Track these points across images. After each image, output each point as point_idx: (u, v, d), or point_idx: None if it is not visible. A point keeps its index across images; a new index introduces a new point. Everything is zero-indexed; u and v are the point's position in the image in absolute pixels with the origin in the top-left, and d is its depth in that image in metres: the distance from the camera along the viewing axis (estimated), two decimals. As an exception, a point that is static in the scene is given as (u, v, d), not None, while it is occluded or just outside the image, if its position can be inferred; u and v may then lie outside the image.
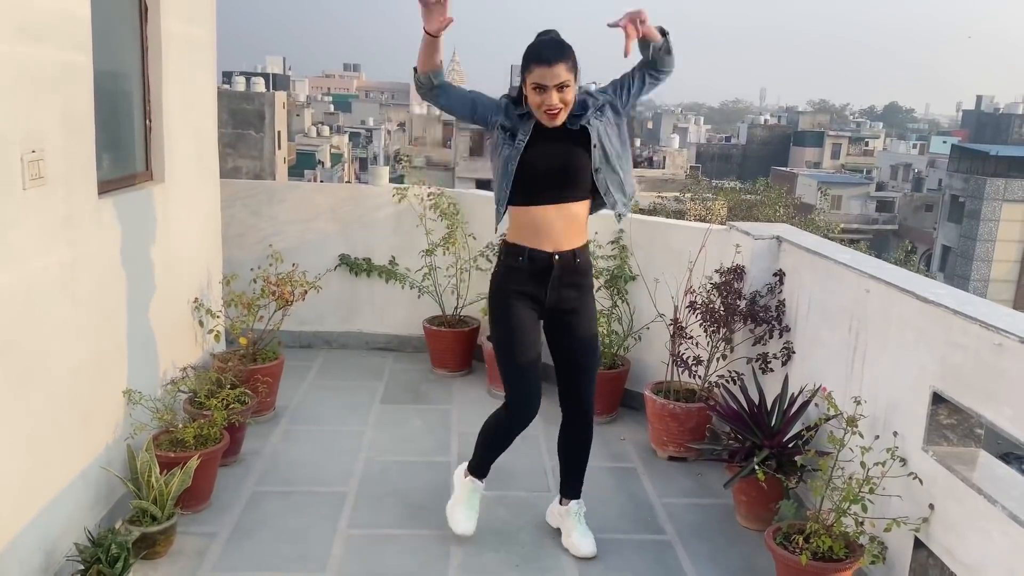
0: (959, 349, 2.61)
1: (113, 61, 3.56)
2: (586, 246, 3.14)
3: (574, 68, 2.85)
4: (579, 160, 2.97)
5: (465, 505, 3.36)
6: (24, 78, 2.63)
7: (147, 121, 3.87)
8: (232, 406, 3.77)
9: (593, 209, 3.14)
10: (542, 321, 3.18)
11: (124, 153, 3.72)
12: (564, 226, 3.02)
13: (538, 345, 3.16)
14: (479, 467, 3.36)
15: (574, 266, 3.08)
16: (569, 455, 3.34)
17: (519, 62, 2.92)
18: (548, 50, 2.84)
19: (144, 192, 3.71)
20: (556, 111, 2.85)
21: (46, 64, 2.77)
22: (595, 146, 2.96)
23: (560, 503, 3.41)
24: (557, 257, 3.03)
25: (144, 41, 3.80)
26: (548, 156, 2.96)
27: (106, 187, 3.33)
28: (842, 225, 34.66)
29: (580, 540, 3.30)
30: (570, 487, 3.37)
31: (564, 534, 3.36)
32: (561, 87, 2.82)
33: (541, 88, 2.82)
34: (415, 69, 3.00)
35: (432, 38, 2.89)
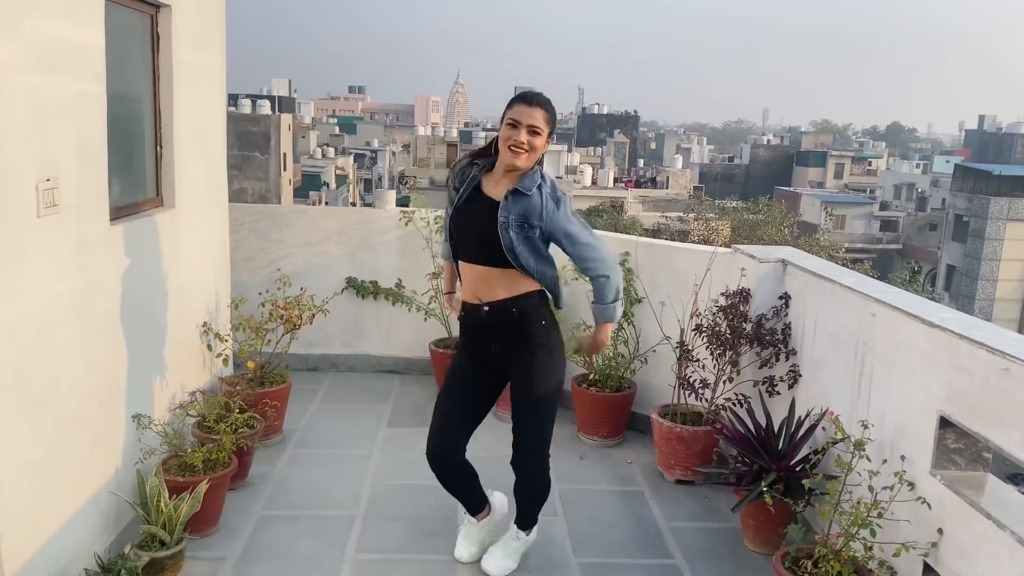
0: (966, 373, 2.62)
1: (126, 89, 3.61)
2: (527, 296, 3.02)
3: (550, 125, 2.95)
4: (490, 234, 2.94)
5: (460, 535, 3.46)
6: (41, 108, 2.68)
7: (158, 148, 3.92)
8: (240, 430, 3.78)
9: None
10: (494, 375, 3.22)
11: (135, 180, 3.76)
12: (488, 283, 3.02)
13: (465, 402, 3.22)
14: (466, 506, 3.43)
15: (509, 317, 3.02)
16: (517, 497, 3.31)
17: (524, 84, 2.98)
18: (533, 94, 2.98)
19: (155, 218, 3.75)
20: (521, 148, 2.90)
21: (62, 94, 2.82)
22: (501, 224, 2.93)
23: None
24: (486, 309, 3.04)
25: (156, 70, 3.86)
26: (469, 219, 3.02)
27: (118, 213, 3.37)
28: (846, 245, 34.68)
29: (494, 560, 3.31)
30: (520, 517, 3.37)
31: (488, 548, 3.38)
32: (533, 131, 2.90)
33: (515, 124, 2.91)
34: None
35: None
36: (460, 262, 3.12)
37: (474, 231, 3.00)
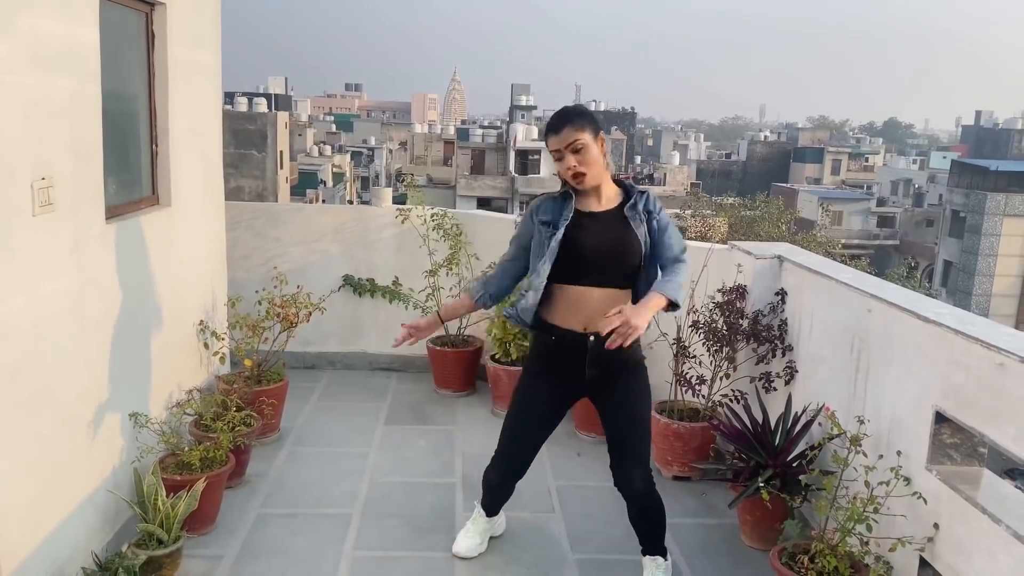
0: (961, 368, 2.63)
1: (121, 88, 3.61)
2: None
3: (586, 128, 2.82)
4: (628, 244, 2.90)
5: (467, 526, 3.47)
6: (35, 107, 2.67)
7: (153, 146, 3.92)
8: (238, 428, 3.78)
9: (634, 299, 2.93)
10: (579, 397, 3.16)
11: (131, 178, 3.76)
12: (608, 308, 2.78)
13: (542, 428, 3.17)
14: (486, 505, 3.44)
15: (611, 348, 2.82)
16: (633, 523, 3.19)
17: (521, 81, 2.95)
18: (554, 118, 2.88)
19: (150, 216, 3.75)
20: (577, 172, 2.83)
21: (56, 93, 2.82)
22: (643, 240, 2.91)
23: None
24: (592, 338, 2.89)
25: (151, 68, 3.85)
26: (596, 235, 2.90)
27: (113, 212, 3.37)
28: (843, 241, 34.71)
29: None
30: (643, 544, 3.23)
31: None
32: (575, 149, 2.81)
33: (559, 156, 2.85)
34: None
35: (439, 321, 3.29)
36: (570, 287, 2.92)
37: (608, 245, 2.89)
